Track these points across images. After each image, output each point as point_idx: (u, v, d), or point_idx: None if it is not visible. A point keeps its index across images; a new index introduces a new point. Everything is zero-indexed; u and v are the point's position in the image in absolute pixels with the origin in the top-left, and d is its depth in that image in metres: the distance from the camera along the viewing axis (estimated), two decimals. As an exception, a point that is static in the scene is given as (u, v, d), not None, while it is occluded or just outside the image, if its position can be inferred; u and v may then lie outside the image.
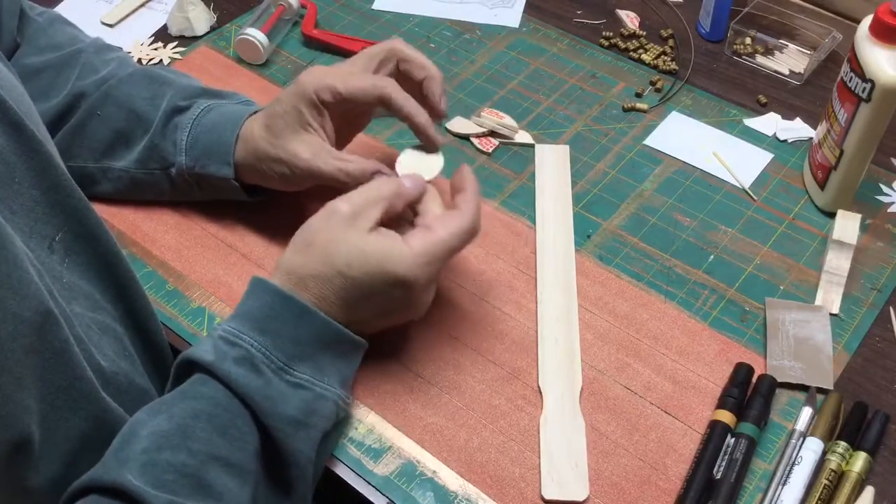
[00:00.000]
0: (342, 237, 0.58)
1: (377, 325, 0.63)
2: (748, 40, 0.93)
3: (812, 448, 0.60)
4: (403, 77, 0.69)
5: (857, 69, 0.69)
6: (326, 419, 0.57)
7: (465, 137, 0.85)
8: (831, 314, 0.69)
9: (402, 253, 0.58)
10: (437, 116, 0.69)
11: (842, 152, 0.73)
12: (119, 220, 0.76)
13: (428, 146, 0.68)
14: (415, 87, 0.69)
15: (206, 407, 0.53)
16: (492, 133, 0.85)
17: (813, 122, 0.85)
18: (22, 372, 0.47)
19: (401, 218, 0.63)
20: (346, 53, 0.93)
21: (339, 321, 0.59)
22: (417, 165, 0.66)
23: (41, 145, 0.55)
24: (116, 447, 0.52)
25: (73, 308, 0.56)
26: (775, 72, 0.91)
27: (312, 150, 0.66)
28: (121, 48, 0.82)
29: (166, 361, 0.66)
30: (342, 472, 0.61)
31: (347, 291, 0.58)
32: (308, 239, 0.59)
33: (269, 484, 0.56)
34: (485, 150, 0.83)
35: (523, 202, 0.78)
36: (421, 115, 0.66)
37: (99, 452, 0.52)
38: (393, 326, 0.65)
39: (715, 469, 0.59)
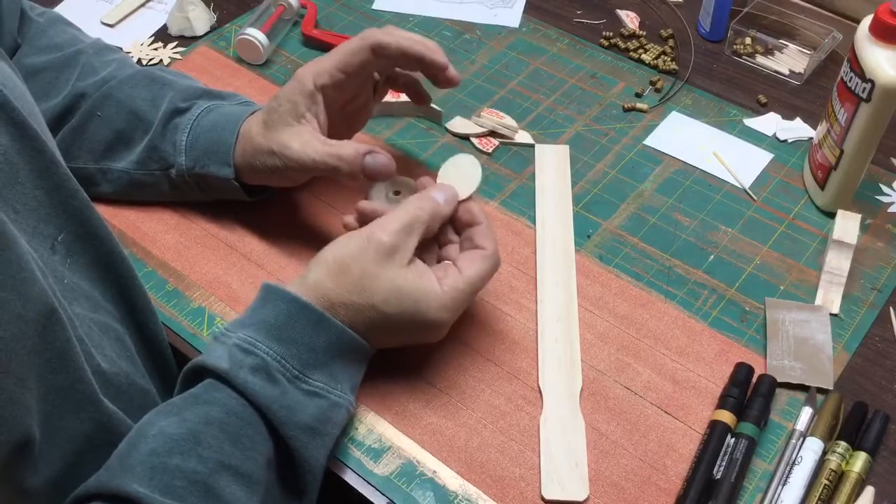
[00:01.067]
0: (380, 272, 0.58)
1: (392, 345, 0.63)
2: (748, 40, 0.93)
3: (812, 448, 0.60)
4: (403, 60, 0.68)
5: (857, 69, 0.69)
6: (339, 426, 0.58)
7: (465, 137, 0.85)
8: (831, 314, 0.69)
9: (437, 295, 0.59)
10: (451, 83, 0.69)
11: (842, 152, 0.73)
12: (119, 220, 0.76)
13: (441, 76, 0.68)
14: (416, 67, 0.69)
15: (219, 414, 0.53)
16: (492, 133, 0.85)
17: (813, 122, 0.85)
18: (24, 373, 0.47)
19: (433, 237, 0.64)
20: (346, 53, 0.93)
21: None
22: (456, 179, 0.65)
23: (44, 145, 0.55)
24: (123, 452, 0.52)
25: (75, 309, 0.56)
26: (775, 72, 0.91)
27: (302, 139, 0.66)
28: (121, 49, 0.82)
29: (167, 362, 0.66)
30: (342, 472, 0.61)
31: (378, 323, 0.59)
32: (342, 264, 0.59)
33: (282, 493, 0.55)
34: (485, 150, 0.83)
35: (523, 202, 0.78)
36: (419, 44, 0.66)
37: (99, 454, 0.52)
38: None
39: (715, 469, 0.59)
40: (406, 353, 0.67)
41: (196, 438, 0.51)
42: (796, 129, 0.85)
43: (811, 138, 0.83)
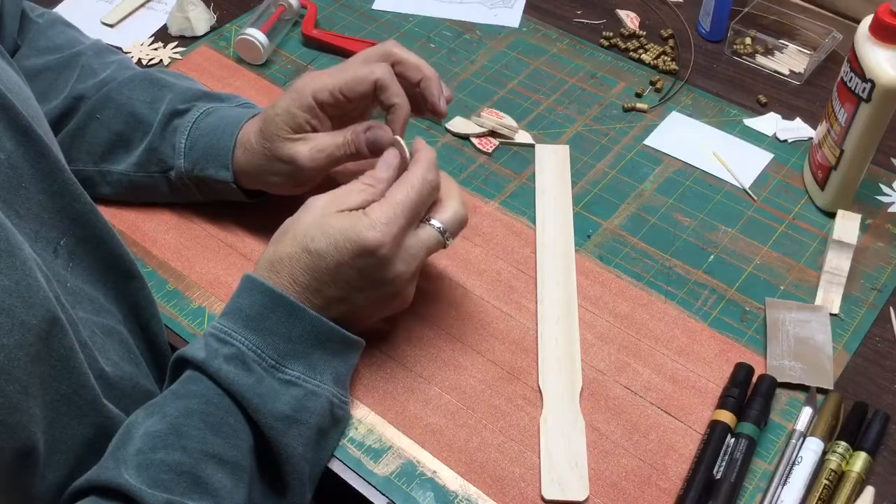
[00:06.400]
0: (309, 217, 0.59)
1: (363, 311, 0.62)
2: (748, 40, 0.93)
3: (812, 448, 0.60)
4: (400, 79, 0.69)
5: (857, 69, 0.69)
6: (319, 416, 0.57)
7: (465, 137, 0.85)
8: (831, 314, 0.69)
9: (361, 221, 0.58)
10: (438, 115, 0.69)
11: (842, 152, 0.73)
12: (119, 220, 0.76)
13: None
14: (412, 88, 0.69)
15: (199, 405, 0.54)
16: (492, 133, 0.85)
17: (813, 122, 0.85)
18: (28, 380, 0.47)
19: None
20: (346, 53, 0.93)
21: (318, 305, 0.59)
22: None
23: (48, 149, 0.55)
24: (113, 448, 0.52)
25: (78, 312, 0.56)
26: (775, 72, 0.91)
27: (307, 140, 0.67)
28: (120, 50, 0.82)
29: (168, 363, 0.66)
30: (342, 472, 0.61)
31: (315, 268, 0.58)
32: (282, 229, 0.61)
33: (265, 481, 0.56)
34: (485, 150, 0.83)
35: (523, 202, 0.78)
36: (403, 111, 0.66)
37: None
38: (387, 317, 0.66)
39: (715, 469, 0.59)
40: (406, 353, 0.67)
41: (178, 432, 0.52)
42: (796, 129, 0.85)
43: (811, 138, 0.83)
